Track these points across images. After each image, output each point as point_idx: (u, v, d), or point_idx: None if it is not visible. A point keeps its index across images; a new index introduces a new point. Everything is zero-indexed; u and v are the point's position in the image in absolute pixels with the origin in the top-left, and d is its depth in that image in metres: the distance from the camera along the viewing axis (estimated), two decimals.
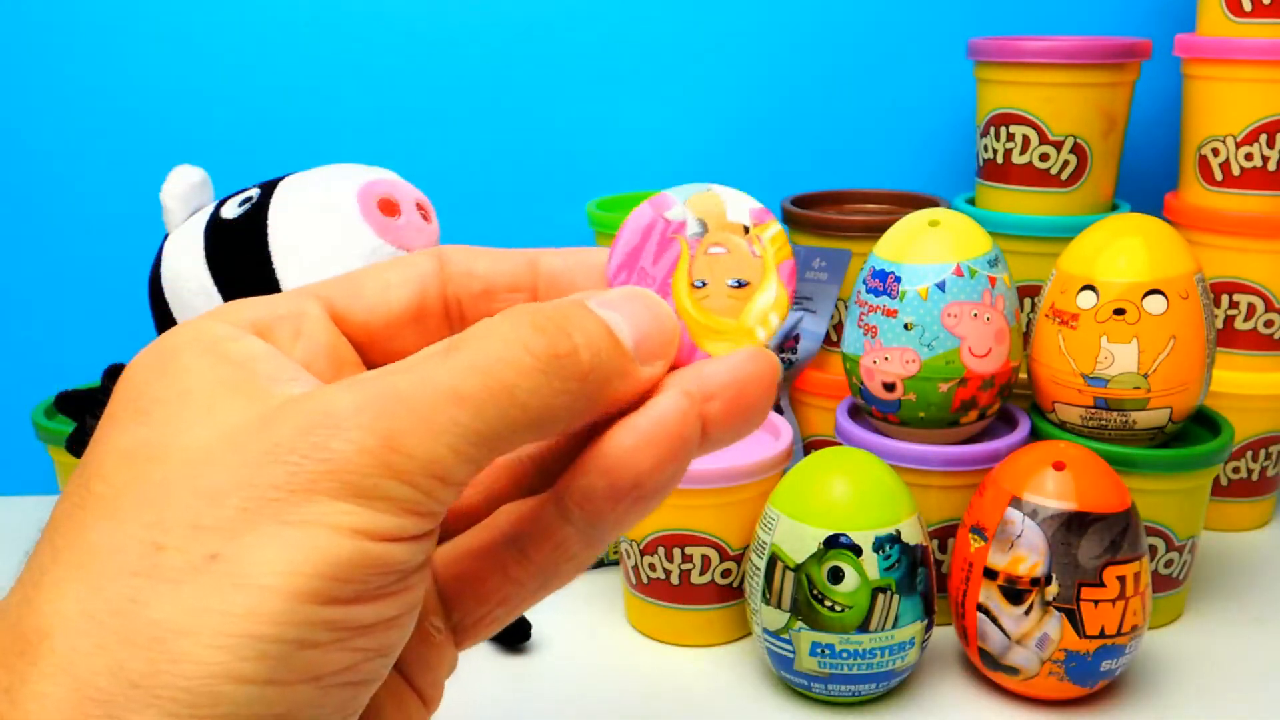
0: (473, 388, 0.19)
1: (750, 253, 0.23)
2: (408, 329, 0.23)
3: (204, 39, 0.78)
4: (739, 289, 0.23)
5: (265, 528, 0.18)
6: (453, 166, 0.81)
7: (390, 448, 0.18)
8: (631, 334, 0.21)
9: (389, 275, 0.23)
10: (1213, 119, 0.70)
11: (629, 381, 0.21)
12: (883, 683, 0.54)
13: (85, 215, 0.80)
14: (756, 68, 0.82)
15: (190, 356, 0.20)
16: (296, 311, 0.22)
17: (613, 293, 0.22)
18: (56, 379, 0.80)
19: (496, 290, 0.23)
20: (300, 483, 0.18)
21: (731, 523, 0.58)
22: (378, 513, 0.18)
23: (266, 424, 0.19)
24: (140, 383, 0.20)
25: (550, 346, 0.20)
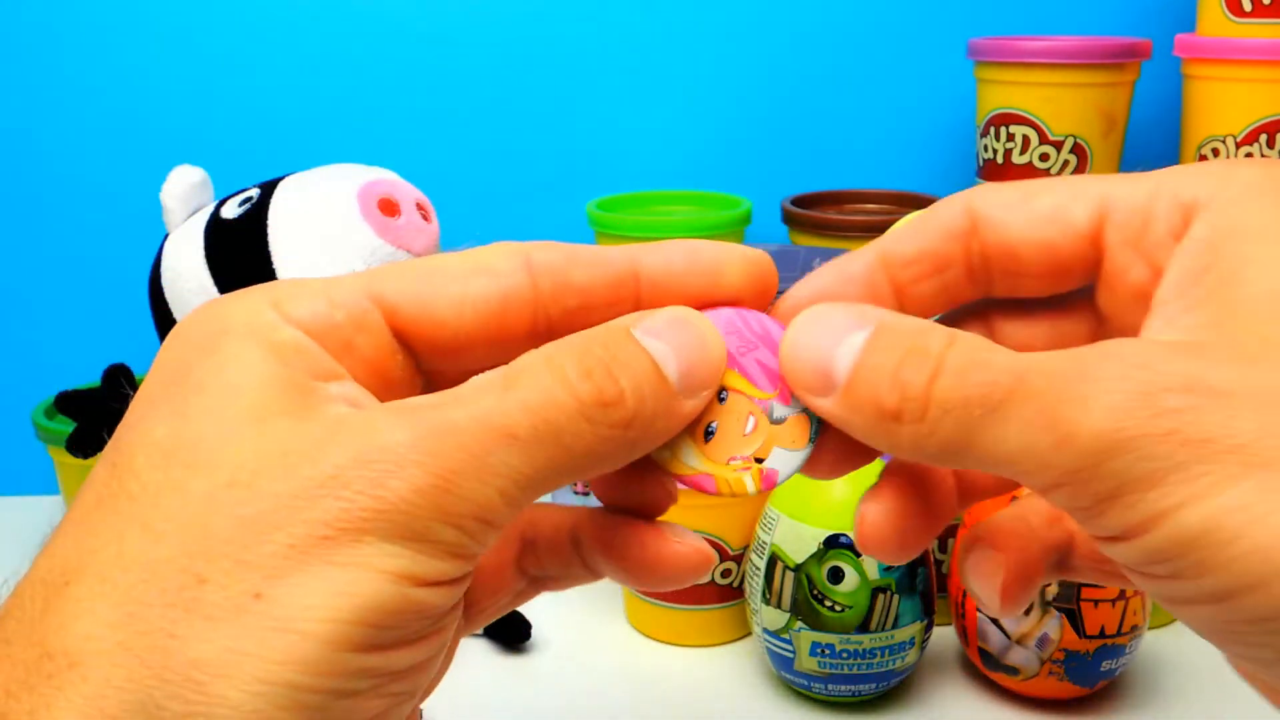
0: (524, 430, 0.18)
1: None
2: (484, 345, 0.22)
3: (204, 39, 0.78)
4: None
5: (312, 568, 0.17)
6: (453, 166, 0.81)
7: (445, 490, 0.18)
8: (678, 367, 0.20)
9: (469, 286, 0.21)
10: (1213, 119, 0.70)
11: (673, 419, 0.21)
12: (883, 683, 0.54)
13: (85, 215, 0.80)
14: (756, 68, 0.82)
15: (239, 342, 0.19)
16: (354, 319, 0.21)
17: (659, 317, 0.21)
18: (56, 379, 0.80)
19: (595, 305, 0.22)
20: (352, 521, 0.17)
21: (731, 523, 0.58)
22: (425, 556, 0.18)
23: (321, 449, 0.18)
24: (183, 362, 0.20)
25: (597, 393, 0.19)
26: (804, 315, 0.21)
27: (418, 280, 0.21)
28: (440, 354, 0.22)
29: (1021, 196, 0.22)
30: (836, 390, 0.20)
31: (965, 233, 0.22)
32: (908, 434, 0.19)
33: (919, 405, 0.19)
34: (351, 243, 0.53)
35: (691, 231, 0.69)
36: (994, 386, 0.18)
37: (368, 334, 0.21)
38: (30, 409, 0.80)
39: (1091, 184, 0.21)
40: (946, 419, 0.19)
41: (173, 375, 0.19)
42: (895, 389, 0.19)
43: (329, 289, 0.21)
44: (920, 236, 0.22)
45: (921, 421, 0.19)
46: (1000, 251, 0.22)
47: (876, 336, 0.20)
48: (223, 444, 0.18)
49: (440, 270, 0.21)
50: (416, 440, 0.18)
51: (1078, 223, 0.21)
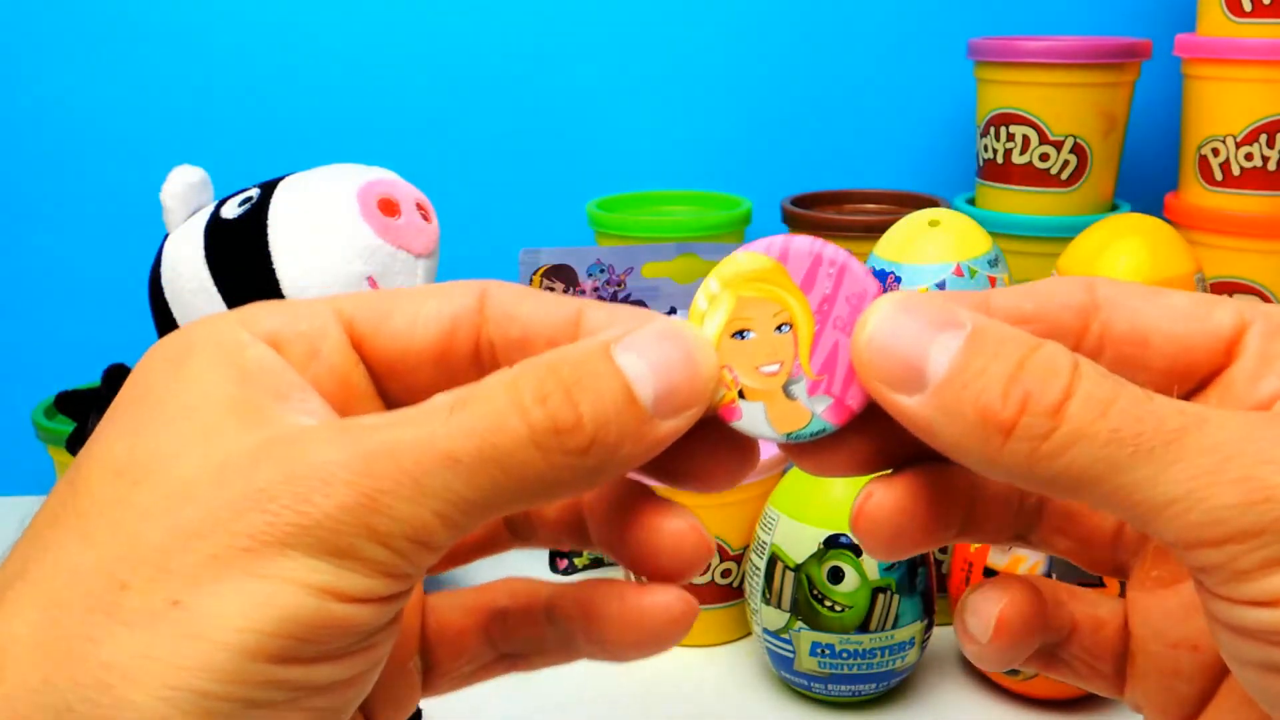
0: (468, 452, 0.18)
1: None
2: (430, 365, 0.22)
3: (204, 39, 0.78)
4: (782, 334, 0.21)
5: (231, 578, 0.17)
6: (453, 166, 0.81)
7: (373, 509, 0.18)
8: (655, 387, 0.19)
9: (424, 305, 0.22)
10: (1213, 119, 0.70)
11: (644, 443, 0.19)
12: (883, 683, 0.54)
13: (85, 215, 0.80)
14: (756, 68, 0.82)
15: (204, 361, 0.20)
16: (317, 329, 0.21)
17: (646, 331, 0.20)
18: (56, 379, 0.80)
19: (535, 341, 0.22)
20: (276, 534, 0.17)
21: (731, 523, 0.58)
22: (350, 573, 0.18)
23: (254, 463, 0.18)
24: (149, 383, 0.20)
25: (549, 419, 0.18)
26: (889, 301, 0.20)
27: (377, 299, 0.22)
28: (393, 370, 0.22)
29: (1152, 290, 0.22)
30: (927, 388, 0.19)
31: (1086, 310, 0.21)
32: (1019, 451, 0.18)
33: (1045, 423, 0.18)
34: (351, 243, 0.53)
35: (691, 231, 0.69)
36: (1161, 425, 0.18)
37: (330, 341, 0.21)
38: (30, 409, 0.80)
39: (1224, 298, 0.21)
40: (1081, 446, 0.18)
41: (136, 395, 0.20)
42: (1012, 398, 0.18)
43: (294, 304, 0.22)
44: (1040, 298, 0.21)
45: (1044, 441, 0.18)
46: (1128, 337, 0.21)
47: (978, 336, 0.19)
48: (170, 460, 0.18)
49: (400, 293, 0.22)
50: (348, 459, 0.18)
51: (1220, 324, 0.21)
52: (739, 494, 0.58)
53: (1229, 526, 0.17)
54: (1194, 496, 0.17)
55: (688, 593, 0.22)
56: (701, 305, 0.21)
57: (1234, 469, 0.17)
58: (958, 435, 0.19)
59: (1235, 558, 0.17)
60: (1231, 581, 0.18)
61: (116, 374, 0.63)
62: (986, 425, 0.18)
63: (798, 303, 0.21)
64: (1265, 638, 0.18)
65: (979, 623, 0.24)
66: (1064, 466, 0.18)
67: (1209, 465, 0.18)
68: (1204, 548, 0.18)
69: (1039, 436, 0.18)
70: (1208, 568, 0.18)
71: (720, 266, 0.22)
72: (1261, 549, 0.17)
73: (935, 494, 0.22)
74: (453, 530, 0.19)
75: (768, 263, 0.21)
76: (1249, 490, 0.17)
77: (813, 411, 0.21)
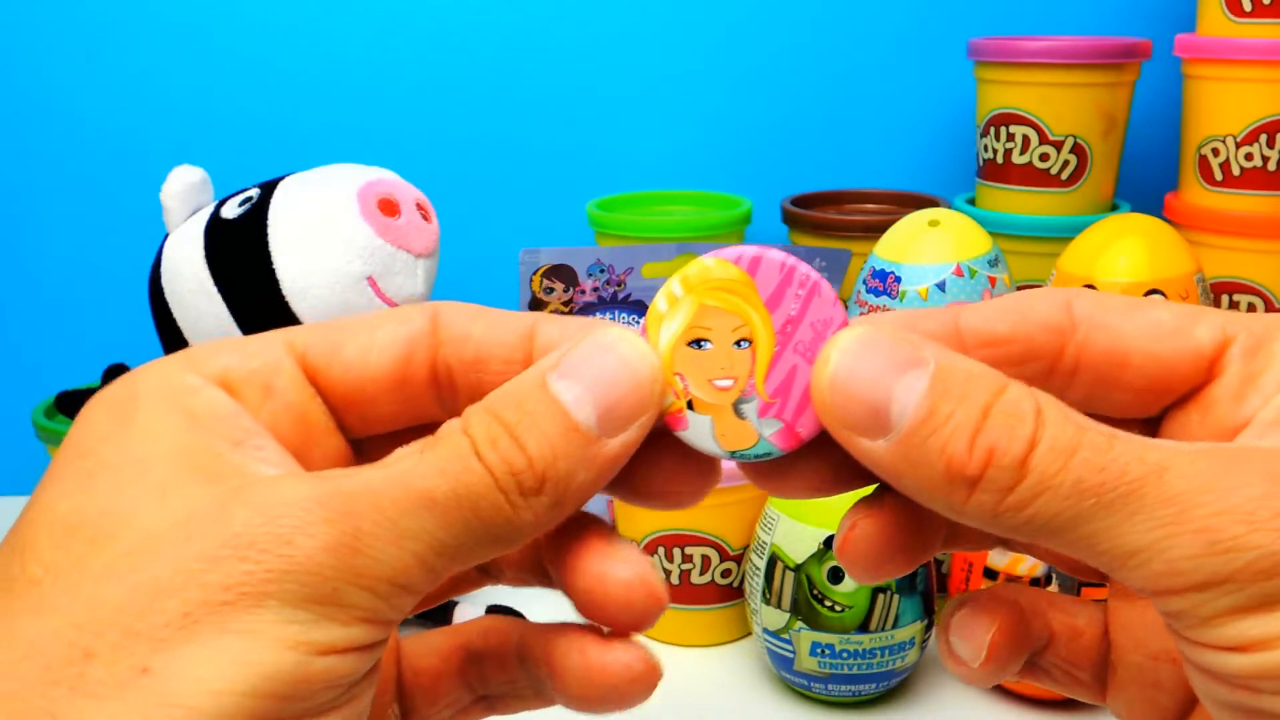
0: (442, 494, 0.18)
1: None
2: (387, 392, 0.21)
3: (204, 39, 0.78)
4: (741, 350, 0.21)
5: (205, 637, 0.16)
6: (453, 166, 0.81)
7: (355, 549, 0.17)
8: (595, 408, 0.19)
9: (376, 333, 0.21)
10: (1213, 119, 0.70)
11: (596, 465, 0.19)
12: (883, 683, 0.54)
13: (85, 215, 0.80)
14: (756, 68, 0.82)
15: (150, 411, 0.19)
16: (269, 365, 0.21)
17: (580, 350, 0.19)
18: (56, 379, 0.80)
19: (489, 360, 0.21)
20: (255, 583, 0.16)
21: (731, 523, 0.58)
22: (331, 622, 0.17)
23: (225, 510, 0.17)
24: (92, 435, 0.19)
25: (504, 463, 0.18)
26: (850, 337, 0.19)
27: (330, 329, 0.21)
28: (351, 401, 0.21)
29: (1130, 305, 0.21)
30: (891, 433, 0.18)
31: (1063, 329, 0.21)
32: (984, 503, 0.18)
33: (1010, 476, 0.18)
34: (351, 243, 0.53)
35: (691, 231, 0.69)
36: (1122, 476, 0.17)
37: (284, 377, 0.21)
38: (30, 409, 0.80)
39: (1206, 310, 0.21)
40: (1045, 498, 0.18)
41: (80, 449, 0.19)
42: (978, 450, 0.18)
43: (244, 343, 0.21)
44: (1014, 318, 0.21)
45: (1008, 493, 0.18)
46: (1106, 358, 0.21)
47: (942, 379, 0.18)
48: (127, 516, 0.17)
49: (354, 320, 0.22)
50: (325, 496, 0.17)
51: (1201, 341, 0.20)
52: (739, 494, 0.58)
53: (1191, 577, 0.17)
54: (1155, 548, 0.17)
55: (648, 651, 0.21)
56: (661, 307, 0.21)
57: (1194, 519, 0.17)
58: (923, 483, 0.18)
59: (1199, 605, 0.17)
60: (1198, 627, 0.18)
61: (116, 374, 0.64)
62: (952, 477, 0.18)
63: (761, 320, 0.21)
64: (1233, 681, 0.18)
65: (970, 648, 0.23)
66: (1028, 517, 0.18)
67: (1169, 516, 0.17)
68: (1169, 596, 0.18)
69: (1004, 489, 0.18)
70: (1173, 614, 0.18)
71: (687, 269, 0.21)
72: (1224, 597, 0.17)
73: (918, 517, 0.22)
74: (429, 575, 0.18)
75: (737, 274, 0.21)
76: (1209, 541, 0.17)
77: (760, 434, 0.20)
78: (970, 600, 0.24)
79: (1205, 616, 0.18)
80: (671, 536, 0.58)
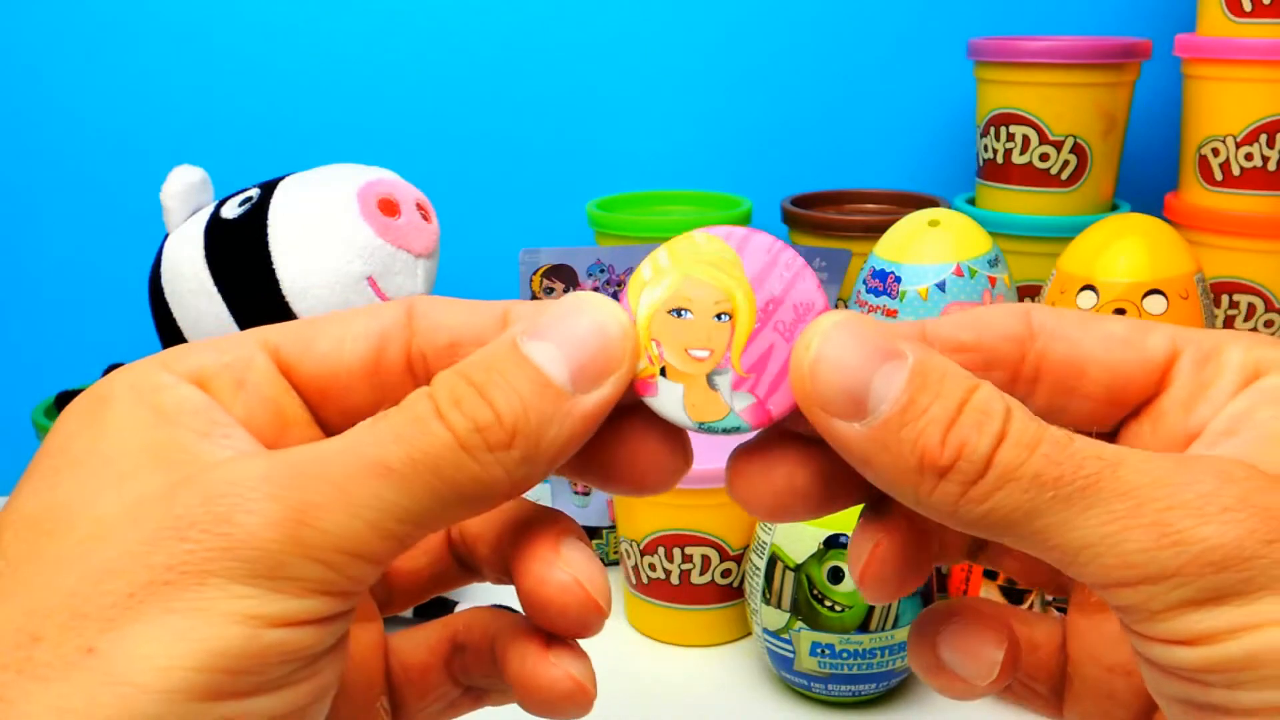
0: (398, 460, 0.18)
1: None
2: (363, 383, 0.22)
3: (204, 39, 0.78)
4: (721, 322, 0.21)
5: (150, 616, 0.16)
6: (453, 166, 0.81)
7: (300, 521, 0.17)
8: (568, 364, 0.19)
9: (350, 326, 0.22)
10: (1213, 119, 0.70)
11: (570, 421, 0.19)
12: (883, 683, 0.54)
13: (85, 215, 0.80)
14: (756, 68, 0.82)
15: (121, 409, 0.19)
16: (242, 360, 0.21)
17: (550, 312, 0.20)
18: (56, 379, 0.80)
19: (463, 343, 0.22)
20: (196, 561, 0.16)
21: (731, 523, 0.58)
22: (281, 595, 0.17)
23: (171, 494, 0.17)
24: (65, 435, 0.19)
25: (468, 419, 0.18)
26: (832, 323, 0.20)
27: (303, 325, 0.22)
28: (326, 393, 0.21)
29: (1085, 317, 0.22)
30: (869, 421, 0.19)
31: (1022, 339, 0.22)
32: (948, 493, 0.18)
33: (976, 469, 0.18)
34: (351, 242, 0.53)
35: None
36: (1079, 470, 0.18)
37: (257, 371, 0.21)
38: (30, 409, 0.80)
39: (1157, 324, 0.22)
40: (1006, 490, 0.18)
41: (52, 449, 0.19)
42: (951, 443, 0.18)
43: (217, 340, 0.21)
44: (977, 329, 0.22)
45: (974, 485, 0.18)
46: (1064, 367, 0.21)
47: (921, 372, 0.19)
48: (84, 506, 0.18)
49: (327, 317, 0.22)
50: (270, 472, 0.17)
51: (1152, 351, 0.21)
52: None
53: (1141, 570, 0.18)
54: (1108, 541, 0.18)
55: (583, 669, 0.22)
56: (645, 274, 0.21)
57: (1146, 514, 0.18)
58: (893, 471, 0.19)
59: (1150, 599, 0.18)
60: (1148, 621, 0.18)
61: None
62: (923, 467, 0.19)
63: (744, 296, 0.21)
64: (1181, 674, 0.18)
65: (979, 666, 0.23)
66: (988, 510, 0.18)
67: (1122, 510, 0.18)
68: (1119, 589, 0.18)
69: (969, 482, 0.18)
70: (1124, 608, 0.18)
71: (675, 241, 0.21)
72: (1173, 591, 0.18)
73: (923, 533, 0.22)
74: (389, 541, 0.18)
75: (725, 250, 0.21)
76: (1159, 535, 0.18)
77: (731, 407, 0.21)
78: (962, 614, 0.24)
79: (1155, 610, 0.18)
80: (671, 536, 0.58)
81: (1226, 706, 0.18)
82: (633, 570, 0.61)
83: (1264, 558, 0.17)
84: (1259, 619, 0.17)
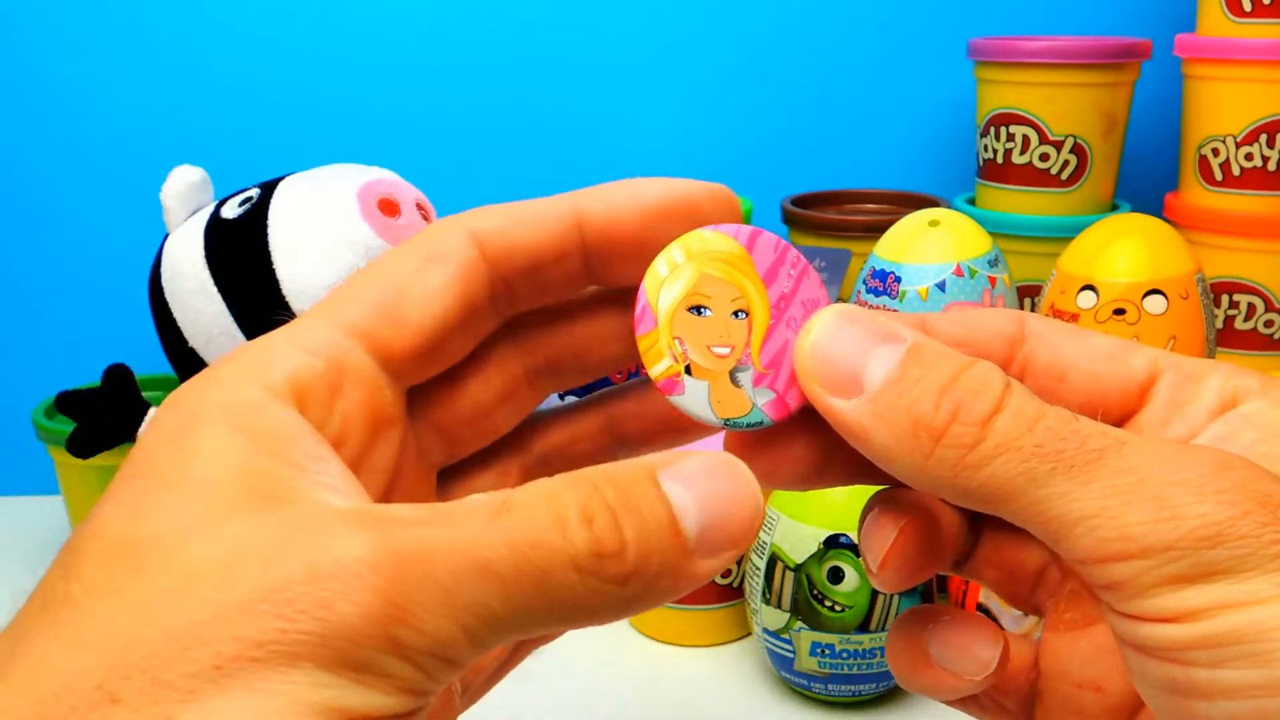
0: (506, 566, 0.17)
1: None
2: (456, 338, 0.21)
3: (204, 39, 0.78)
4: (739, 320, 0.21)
5: (233, 693, 0.15)
6: (453, 166, 0.81)
7: (399, 620, 0.16)
8: (699, 522, 0.18)
9: (427, 281, 0.21)
10: (1213, 119, 0.70)
11: (680, 581, 0.18)
12: (883, 683, 0.54)
13: (85, 215, 0.80)
14: (756, 67, 0.82)
15: (213, 432, 0.18)
16: (336, 363, 0.20)
17: (693, 462, 0.19)
18: (56, 379, 0.80)
19: (544, 262, 0.22)
20: (288, 643, 0.16)
21: None
22: (366, 689, 0.16)
23: (271, 555, 0.16)
24: (154, 455, 0.18)
25: (594, 543, 0.17)
26: (831, 313, 0.20)
27: (379, 295, 0.21)
28: (425, 359, 0.21)
29: (1076, 330, 0.23)
30: (865, 393, 0.19)
31: (1013, 340, 0.22)
32: (946, 459, 0.19)
33: (972, 433, 0.19)
34: (351, 243, 0.53)
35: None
36: (1083, 445, 0.18)
37: (352, 375, 0.20)
38: (30, 409, 0.80)
39: (1142, 346, 0.23)
40: (1005, 458, 0.18)
41: (140, 468, 0.18)
42: (944, 407, 0.19)
43: (299, 337, 0.20)
44: (971, 326, 0.22)
45: (970, 450, 0.19)
46: (1048, 371, 0.22)
47: (917, 351, 0.19)
48: (174, 546, 0.17)
49: (394, 275, 0.21)
50: (378, 560, 0.16)
51: (1134, 368, 0.22)
52: None
53: (1136, 542, 0.18)
54: (1107, 513, 0.18)
55: None
56: (661, 271, 0.21)
57: (1147, 489, 0.18)
58: (889, 441, 0.19)
59: (1142, 573, 0.18)
60: (1135, 598, 0.18)
61: (116, 374, 0.64)
62: (918, 431, 0.19)
63: (758, 293, 0.21)
64: (1166, 655, 0.18)
65: (972, 662, 0.24)
66: (987, 477, 0.19)
67: (1124, 485, 0.18)
68: (1112, 562, 0.18)
69: (966, 445, 0.19)
70: (1114, 584, 0.18)
71: (686, 238, 0.21)
72: (1166, 565, 0.18)
73: (937, 522, 0.23)
74: (477, 648, 0.17)
75: (735, 248, 0.21)
76: (1158, 509, 0.18)
77: (754, 402, 0.21)
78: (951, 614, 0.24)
79: (1146, 585, 0.18)
80: None
81: (1209, 686, 0.18)
82: None
83: (1257, 538, 0.18)
84: (1247, 597, 0.17)
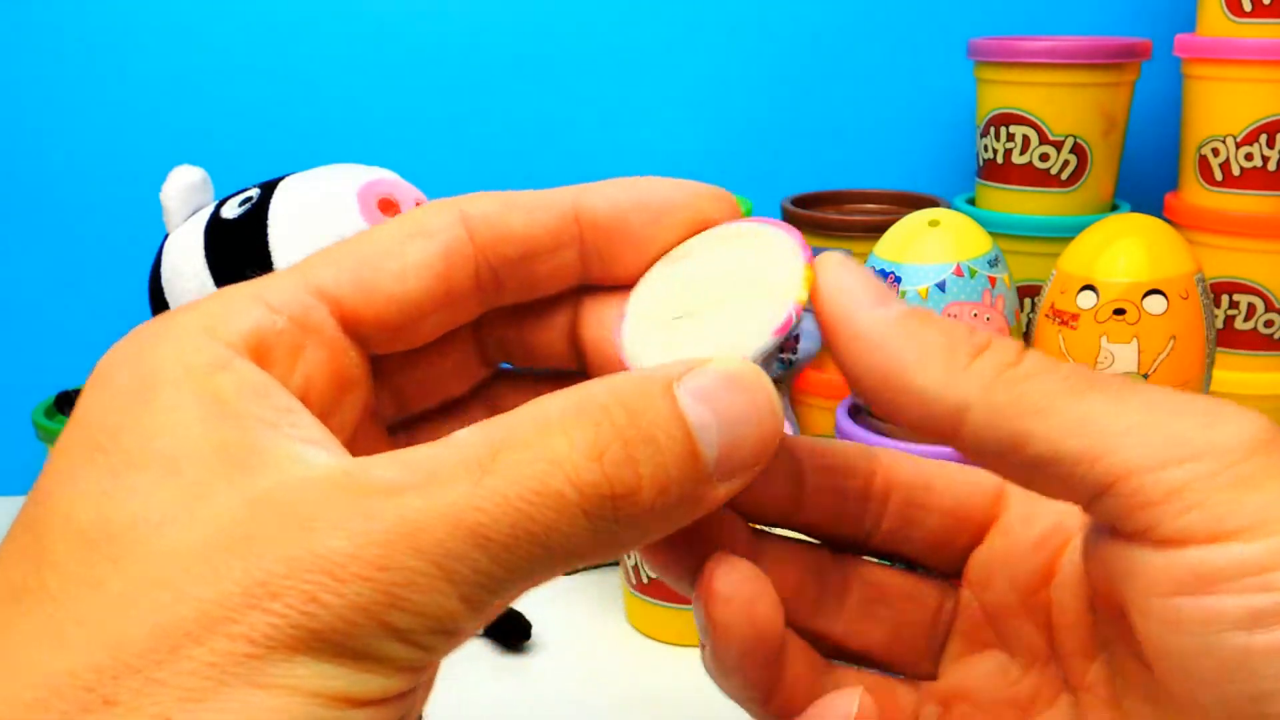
0: (501, 529, 0.16)
1: None
2: (431, 317, 0.20)
3: (204, 38, 0.78)
4: None
5: (232, 689, 0.15)
6: (453, 166, 0.81)
7: (392, 605, 0.15)
8: (720, 443, 0.17)
9: (407, 252, 0.19)
10: (1213, 119, 0.70)
11: (697, 509, 0.17)
12: None
13: (85, 215, 0.80)
14: (756, 68, 0.82)
15: (175, 396, 0.17)
16: (299, 320, 0.19)
17: (711, 372, 0.17)
18: (56, 379, 0.80)
19: (536, 252, 0.20)
20: (282, 637, 0.15)
21: None
22: (366, 674, 0.16)
23: (253, 546, 0.16)
24: (111, 423, 0.17)
25: (605, 484, 0.16)
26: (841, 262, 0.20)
27: (355, 262, 0.19)
28: (392, 333, 0.20)
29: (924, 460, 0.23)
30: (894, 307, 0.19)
31: (871, 455, 0.23)
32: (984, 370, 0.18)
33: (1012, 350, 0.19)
34: None
35: None
36: (1112, 378, 0.18)
37: (316, 335, 0.19)
38: (30, 409, 0.80)
39: None
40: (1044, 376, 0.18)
41: (98, 436, 0.17)
42: (980, 332, 0.19)
43: (263, 292, 0.19)
44: (831, 445, 0.23)
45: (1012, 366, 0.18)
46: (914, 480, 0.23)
47: (913, 312, 0.19)
48: (151, 533, 0.16)
49: (374, 244, 0.20)
50: (359, 548, 0.15)
51: (985, 477, 0.23)
52: None
53: (1193, 446, 0.17)
54: (1154, 423, 0.17)
55: None
56: None
57: (1196, 404, 0.18)
58: (915, 352, 0.18)
59: (1199, 478, 0.17)
60: (1194, 508, 0.17)
61: None
62: (955, 345, 0.18)
63: None
64: (1229, 585, 0.16)
65: None
66: (1025, 390, 0.18)
67: (1167, 400, 0.18)
68: (1167, 468, 0.17)
69: (1006, 362, 0.18)
70: (1169, 494, 0.17)
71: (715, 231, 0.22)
72: (1229, 468, 0.17)
73: None
74: (479, 613, 0.16)
75: None
76: (1208, 419, 0.17)
77: None
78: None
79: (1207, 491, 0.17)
80: None
81: (1209, 614, 0.17)
82: (633, 570, 0.61)
83: None
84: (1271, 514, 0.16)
